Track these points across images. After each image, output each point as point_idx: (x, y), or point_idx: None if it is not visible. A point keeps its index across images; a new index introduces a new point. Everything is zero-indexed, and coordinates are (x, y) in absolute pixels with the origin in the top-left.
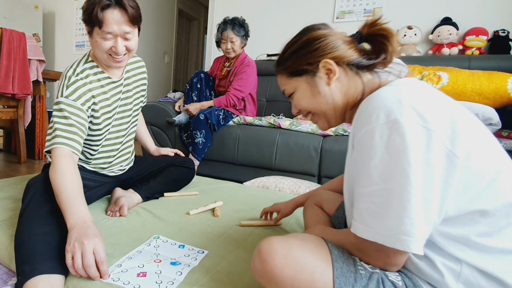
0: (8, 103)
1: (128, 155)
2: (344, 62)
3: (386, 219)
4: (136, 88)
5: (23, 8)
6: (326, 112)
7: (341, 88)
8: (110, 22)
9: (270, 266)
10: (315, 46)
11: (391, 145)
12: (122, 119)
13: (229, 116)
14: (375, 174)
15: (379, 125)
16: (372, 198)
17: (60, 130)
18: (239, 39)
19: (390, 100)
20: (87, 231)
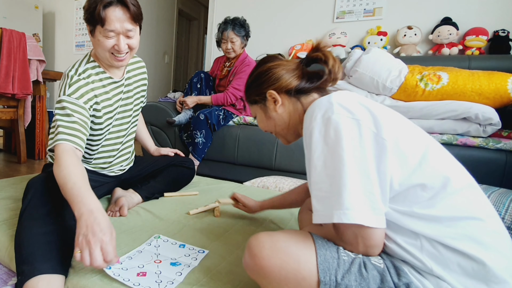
0: (8, 103)
1: (128, 155)
2: (285, 90)
3: (331, 200)
4: (137, 88)
5: (23, 8)
6: (280, 131)
7: (287, 111)
8: (113, 20)
9: (258, 259)
10: (262, 79)
11: (328, 137)
12: (122, 119)
13: (229, 116)
14: (318, 164)
15: (317, 124)
16: (319, 185)
17: (62, 127)
18: (240, 39)
19: (323, 103)
20: (94, 226)
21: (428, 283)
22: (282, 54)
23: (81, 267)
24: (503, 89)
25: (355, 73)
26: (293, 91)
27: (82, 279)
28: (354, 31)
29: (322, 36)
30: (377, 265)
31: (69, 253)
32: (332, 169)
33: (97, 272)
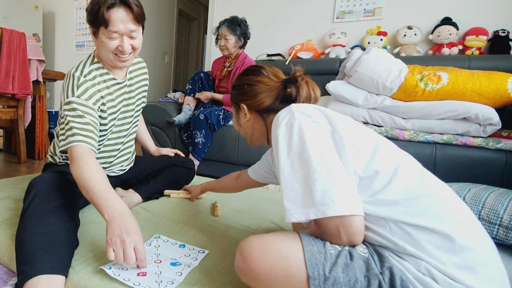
0: (8, 103)
1: (128, 155)
2: (255, 108)
3: (303, 199)
4: (139, 89)
5: (23, 8)
6: (245, 135)
7: (252, 126)
8: (116, 21)
9: (248, 261)
10: (242, 90)
11: (292, 142)
12: (124, 119)
13: (229, 116)
14: (285, 166)
15: (281, 130)
16: (288, 186)
17: (77, 129)
18: (234, 37)
19: (285, 113)
20: (128, 228)
21: (407, 264)
22: (282, 54)
23: (81, 268)
24: (503, 89)
25: (355, 73)
26: (263, 110)
27: (82, 279)
28: (354, 31)
29: (322, 36)
30: (362, 254)
31: (70, 253)
32: (299, 170)
33: (97, 272)
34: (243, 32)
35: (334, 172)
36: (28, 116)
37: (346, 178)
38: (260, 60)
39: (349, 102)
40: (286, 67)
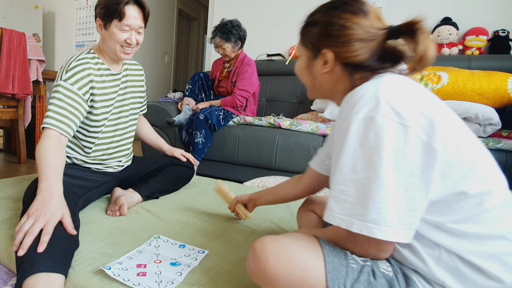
0: (8, 103)
1: (127, 151)
2: (345, 61)
3: (354, 207)
4: (134, 88)
5: (23, 8)
6: (312, 88)
7: (331, 80)
8: (130, 16)
9: (263, 265)
10: (330, 31)
11: (365, 140)
12: (120, 113)
13: (229, 116)
14: (345, 164)
15: (356, 120)
16: (340, 186)
17: (51, 112)
18: (229, 44)
19: (369, 96)
20: (48, 206)
21: None
22: (282, 54)
23: (81, 268)
24: (503, 89)
25: None
26: (353, 65)
27: (82, 279)
28: None
29: None
30: (385, 273)
31: (70, 254)
32: (361, 174)
33: (97, 272)
34: (237, 36)
35: (404, 193)
36: (28, 116)
37: (415, 201)
38: (260, 60)
39: None
40: (285, 68)
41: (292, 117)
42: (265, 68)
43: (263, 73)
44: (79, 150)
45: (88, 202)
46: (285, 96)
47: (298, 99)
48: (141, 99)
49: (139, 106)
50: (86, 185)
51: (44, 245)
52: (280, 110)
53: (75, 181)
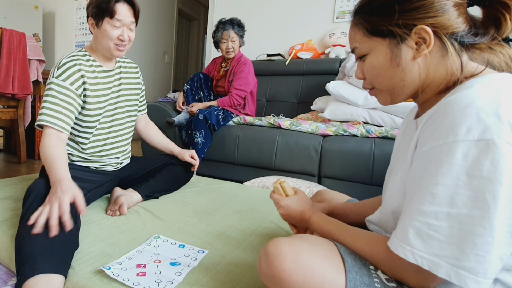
0: (8, 103)
1: (124, 148)
2: (446, 33)
3: (443, 246)
4: (129, 85)
5: (23, 8)
6: (394, 88)
7: (428, 66)
8: (122, 13)
9: (278, 271)
10: (417, 2)
11: (477, 169)
12: (115, 109)
13: (228, 116)
14: (442, 194)
15: (466, 141)
16: (429, 219)
17: (46, 109)
18: (239, 38)
19: (487, 112)
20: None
21: None
22: (282, 54)
23: (81, 268)
24: None
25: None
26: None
27: (82, 279)
28: None
29: (322, 36)
30: None
31: (70, 254)
32: (462, 211)
33: (96, 272)
34: (244, 32)
35: (509, 240)
36: (28, 116)
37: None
38: (260, 60)
39: (349, 102)
40: (285, 68)
41: (292, 117)
42: (265, 68)
43: (263, 73)
44: (75, 145)
45: (88, 203)
46: (285, 96)
47: (298, 99)
48: (137, 96)
49: (136, 103)
50: (86, 186)
51: (68, 224)
52: (280, 110)
53: (75, 182)
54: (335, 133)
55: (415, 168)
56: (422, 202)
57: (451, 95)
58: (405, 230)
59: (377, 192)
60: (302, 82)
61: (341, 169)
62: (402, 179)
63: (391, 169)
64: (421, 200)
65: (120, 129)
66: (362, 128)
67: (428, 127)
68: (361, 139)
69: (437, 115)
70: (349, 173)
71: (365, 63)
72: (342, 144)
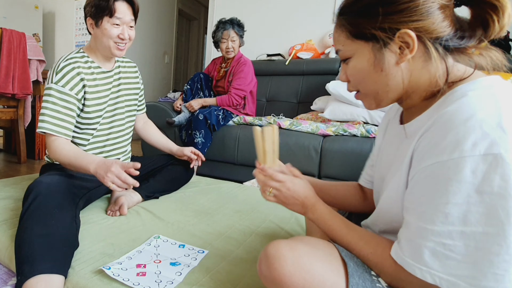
0: (8, 103)
1: (124, 149)
2: (429, 37)
3: (460, 265)
4: (128, 85)
5: (23, 8)
6: (378, 92)
7: (412, 71)
8: (121, 11)
9: (278, 274)
10: (402, 5)
11: (487, 185)
12: (115, 110)
13: (228, 116)
14: (454, 213)
15: (473, 156)
16: (444, 239)
17: (47, 116)
18: (239, 38)
19: (491, 125)
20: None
21: None
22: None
23: (81, 268)
24: None
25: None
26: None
27: (82, 279)
28: None
29: (322, 36)
30: None
31: (70, 254)
32: (476, 229)
33: (96, 272)
34: (244, 32)
35: None
36: (28, 116)
37: None
38: (260, 60)
39: (349, 102)
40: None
41: (292, 117)
42: (265, 68)
43: (263, 73)
44: None
45: (88, 202)
46: (285, 96)
47: (298, 99)
48: (136, 96)
49: (135, 103)
50: (86, 185)
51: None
52: (280, 110)
53: (75, 182)
54: (335, 133)
55: (417, 183)
56: (434, 222)
57: (447, 105)
58: (419, 250)
59: None
60: (302, 82)
61: (341, 169)
62: (397, 190)
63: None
64: (433, 220)
65: (120, 130)
66: (362, 128)
67: (426, 140)
68: (361, 139)
69: (436, 128)
70: (349, 173)
71: (349, 66)
72: (342, 144)
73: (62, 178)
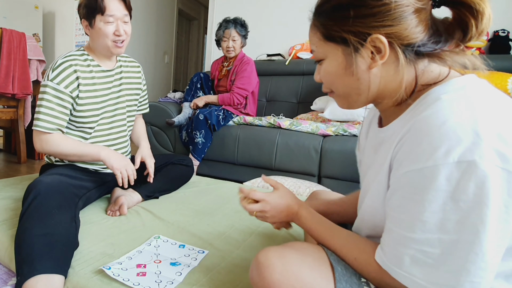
0: (8, 103)
1: (124, 149)
2: (401, 43)
3: (439, 273)
4: (130, 84)
5: (23, 8)
6: (350, 95)
7: (383, 77)
8: (112, 7)
9: (267, 282)
10: (374, 9)
11: (461, 193)
12: (115, 110)
13: (228, 116)
14: (431, 221)
15: (447, 164)
16: (423, 246)
17: (42, 114)
18: (240, 38)
19: (464, 130)
20: (119, 156)
21: None
22: (282, 54)
23: (81, 268)
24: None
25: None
26: (413, 50)
27: (82, 279)
28: None
29: None
30: None
31: (69, 254)
32: (452, 237)
33: (96, 272)
34: (247, 32)
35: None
36: (28, 116)
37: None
38: (260, 60)
39: None
40: (285, 68)
41: (292, 117)
42: (265, 68)
43: (263, 73)
44: None
45: (88, 202)
46: (285, 96)
47: (298, 99)
48: (137, 96)
49: (135, 104)
50: (86, 185)
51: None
52: (280, 110)
53: (75, 182)
54: (335, 133)
55: (396, 191)
56: (413, 230)
57: (421, 110)
58: (400, 258)
59: None
60: (302, 82)
61: (341, 169)
62: (378, 197)
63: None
64: (412, 228)
65: (121, 130)
66: None
67: (403, 146)
68: None
69: (412, 135)
70: (349, 173)
71: (322, 68)
72: (342, 144)
73: (62, 178)
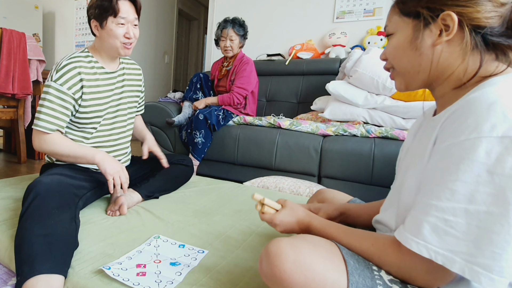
0: (8, 103)
1: (125, 151)
2: (469, 24)
3: (459, 242)
4: (131, 87)
5: (23, 8)
6: (410, 72)
7: (446, 57)
8: (125, 10)
9: (279, 271)
10: None
11: (499, 167)
12: (117, 111)
13: (228, 116)
14: (461, 190)
15: (490, 137)
16: (446, 215)
17: (43, 114)
18: (238, 38)
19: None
20: (114, 161)
21: None
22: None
23: (81, 268)
24: None
25: (355, 73)
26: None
27: (82, 279)
28: (354, 31)
29: (322, 36)
30: None
31: (69, 254)
32: (481, 208)
33: (96, 272)
34: (245, 33)
35: None
36: (28, 116)
37: None
38: (260, 60)
39: (349, 102)
40: (285, 68)
41: (292, 117)
42: (265, 68)
43: (263, 73)
44: None
45: (88, 202)
46: (285, 96)
47: (298, 99)
48: (137, 98)
49: (135, 105)
50: (86, 185)
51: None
52: (280, 110)
53: (75, 182)
54: (335, 133)
55: (432, 163)
56: (440, 198)
57: (474, 93)
58: (419, 225)
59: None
60: (302, 82)
61: (341, 169)
62: (419, 178)
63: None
64: (439, 196)
65: (122, 131)
66: (362, 128)
67: (449, 124)
68: (361, 139)
69: (460, 113)
70: (349, 173)
71: (390, 42)
72: (342, 144)
73: (62, 178)
